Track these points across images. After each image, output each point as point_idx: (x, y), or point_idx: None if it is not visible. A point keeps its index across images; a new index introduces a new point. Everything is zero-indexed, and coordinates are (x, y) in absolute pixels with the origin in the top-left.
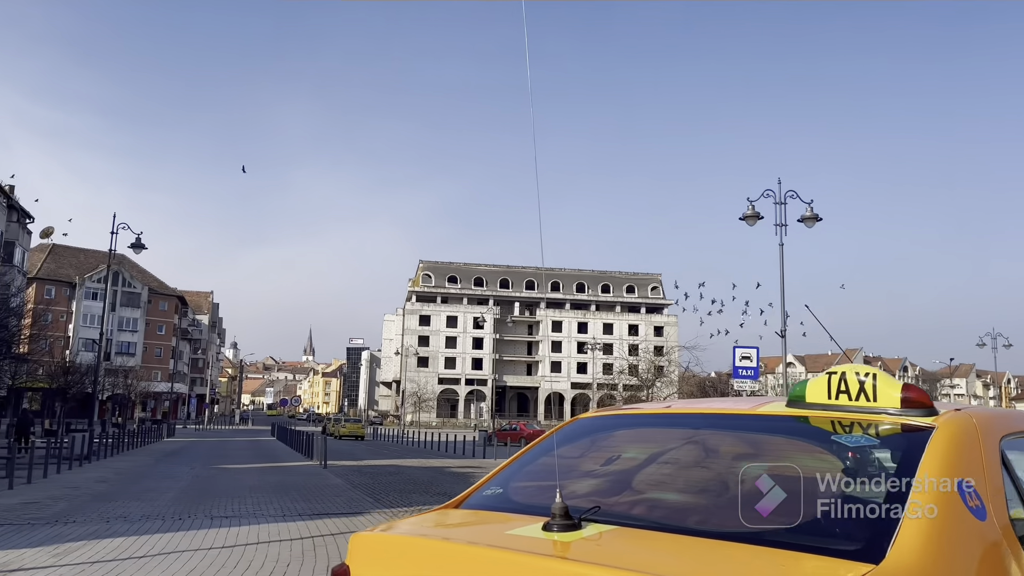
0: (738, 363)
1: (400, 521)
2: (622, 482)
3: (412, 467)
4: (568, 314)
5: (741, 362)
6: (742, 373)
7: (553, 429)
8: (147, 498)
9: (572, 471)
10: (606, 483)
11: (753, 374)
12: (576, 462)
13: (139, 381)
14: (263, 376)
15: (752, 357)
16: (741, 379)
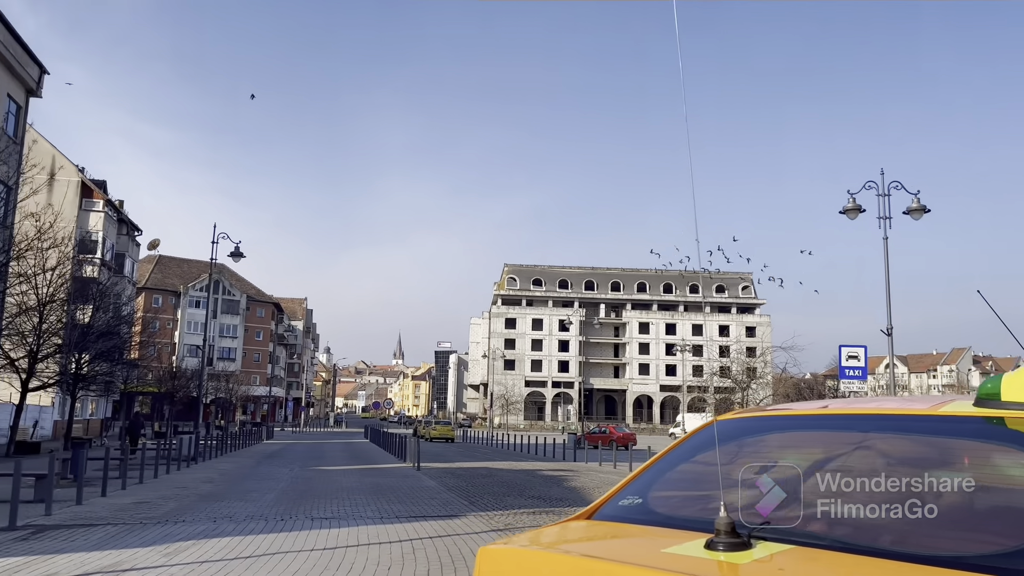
0: (844, 363)
1: (527, 533)
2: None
3: (504, 470)
4: (655, 315)
5: (848, 362)
6: (849, 373)
7: (690, 432)
8: (250, 498)
9: (716, 480)
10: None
11: (861, 374)
12: (724, 470)
13: (239, 385)
14: (355, 380)
15: (860, 357)
16: (848, 380)
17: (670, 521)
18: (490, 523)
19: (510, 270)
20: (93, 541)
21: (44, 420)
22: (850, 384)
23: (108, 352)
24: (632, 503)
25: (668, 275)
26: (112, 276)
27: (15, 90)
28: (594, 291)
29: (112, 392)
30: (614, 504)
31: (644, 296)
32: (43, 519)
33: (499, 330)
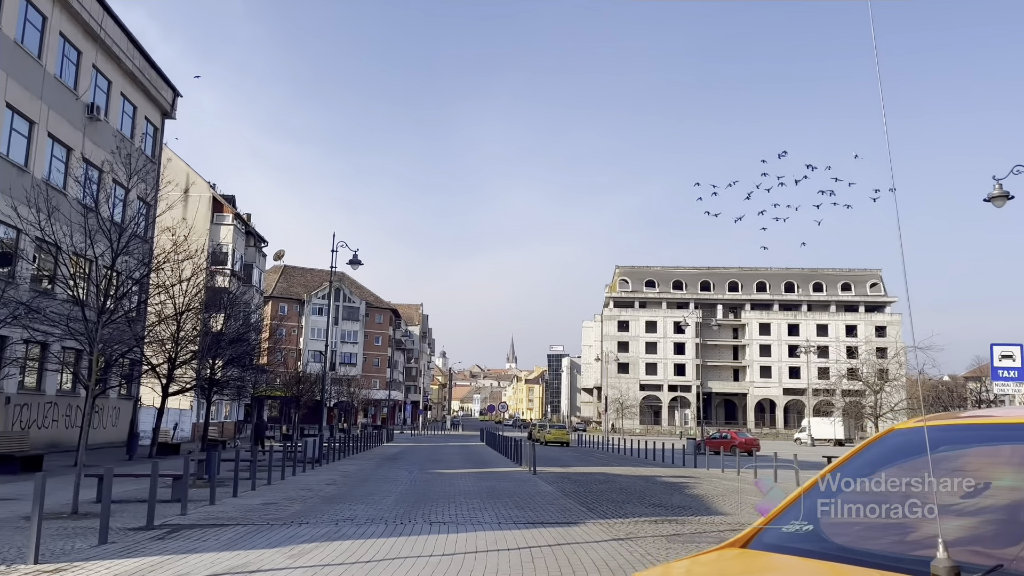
0: (997, 363)
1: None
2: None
3: (621, 475)
4: (776, 316)
5: (1001, 362)
6: (1003, 375)
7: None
8: (371, 501)
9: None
10: (983, 524)
11: (1018, 375)
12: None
13: (360, 389)
14: (470, 383)
15: (1015, 356)
16: (1002, 382)
17: (854, 556)
18: (610, 531)
19: (622, 272)
20: (223, 541)
21: (183, 423)
22: (1004, 386)
23: (239, 358)
24: (800, 529)
25: (790, 273)
26: (241, 286)
27: (151, 113)
28: (710, 291)
29: (243, 396)
30: (777, 530)
31: (764, 296)
32: (179, 518)
33: (612, 333)
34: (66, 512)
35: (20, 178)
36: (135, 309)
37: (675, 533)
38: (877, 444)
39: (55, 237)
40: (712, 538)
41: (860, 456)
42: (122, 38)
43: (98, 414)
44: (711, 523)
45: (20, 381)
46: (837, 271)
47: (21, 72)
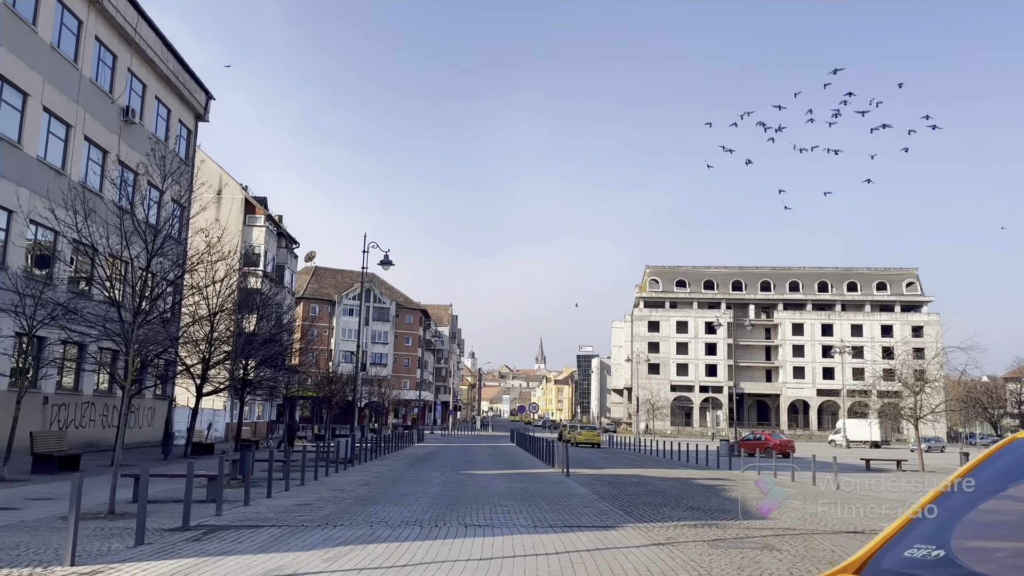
0: None
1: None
2: None
3: (656, 478)
4: (810, 316)
5: None
6: None
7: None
8: (404, 502)
9: None
10: None
11: None
12: None
13: (391, 389)
14: (499, 384)
15: None
16: None
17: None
18: (650, 536)
19: (652, 272)
20: (258, 543)
21: (217, 423)
22: None
23: (271, 358)
24: (928, 555)
25: (823, 272)
26: (273, 287)
27: (185, 116)
28: (742, 291)
29: (276, 397)
30: (897, 553)
31: (797, 295)
32: (214, 519)
33: (642, 333)
34: (103, 512)
35: (57, 181)
36: (170, 310)
37: (717, 538)
38: (1003, 454)
39: (91, 239)
40: (756, 544)
41: (984, 468)
42: (156, 42)
43: (134, 414)
44: (752, 527)
45: (58, 381)
46: (872, 270)
47: (58, 76)
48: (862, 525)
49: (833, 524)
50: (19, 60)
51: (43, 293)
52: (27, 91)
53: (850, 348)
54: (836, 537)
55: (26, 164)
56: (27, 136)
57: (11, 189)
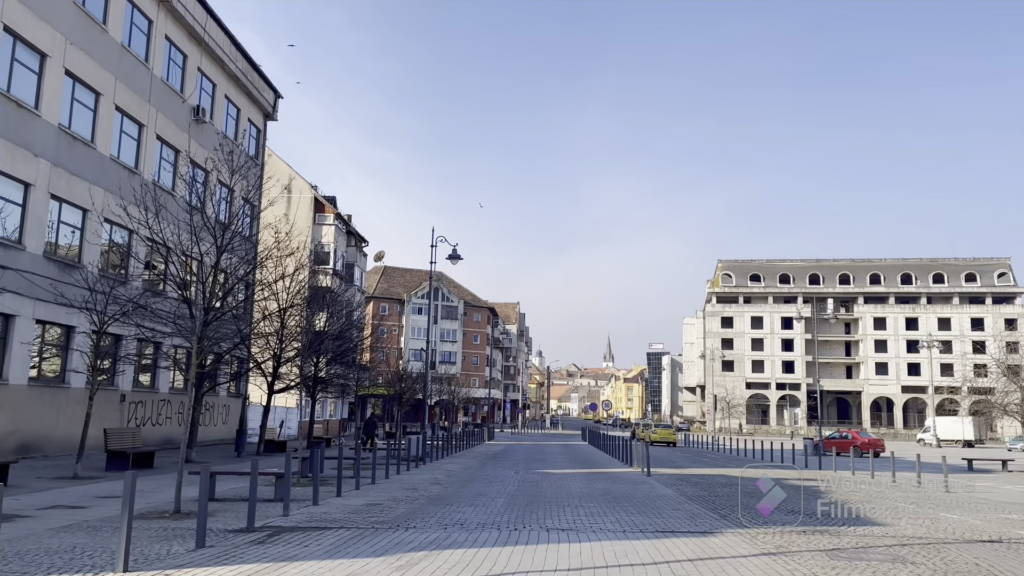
0: None
1: None
2: None
3: (743, 478)
4: (892, 309)
5: None
6: None
7: None
8: (479, 503)
9: None
10: None
11: None
12: None
13: (460, 387)
14: (567, 382)
15: None
16: None
17: None
18: (755, 544)
19: (724, 266)
20: (325, 547)
21: (290, 420)
22: None
23: (341, 355)
24: None
25: (907, 264)
26: (343, 284)
27: (254, 115)
28: (820, 285)
29: (347, 394)
30: None
31: (878, 288)
32: (280, 519)
33: (715, 330)
34: (168, 511)
35: (130, 179)
36: (241, 306)
37: (834, 547)
38: None
39: (163, 236)
40: (883, 555)
41: None
42: (225, 41)
43: (209, 412)
44: (871, 535)
45: (134, 379)
46: (960, 260)
47: (129, 76)
48: (996, 532)
49: (963, 531)
50: (91, 59)
51: (113, 289)
52: (99, 90)
53: (938, 343)
54: (973, 547)
55: (100, 163)
56: (100, 135)
57: (85, 188)
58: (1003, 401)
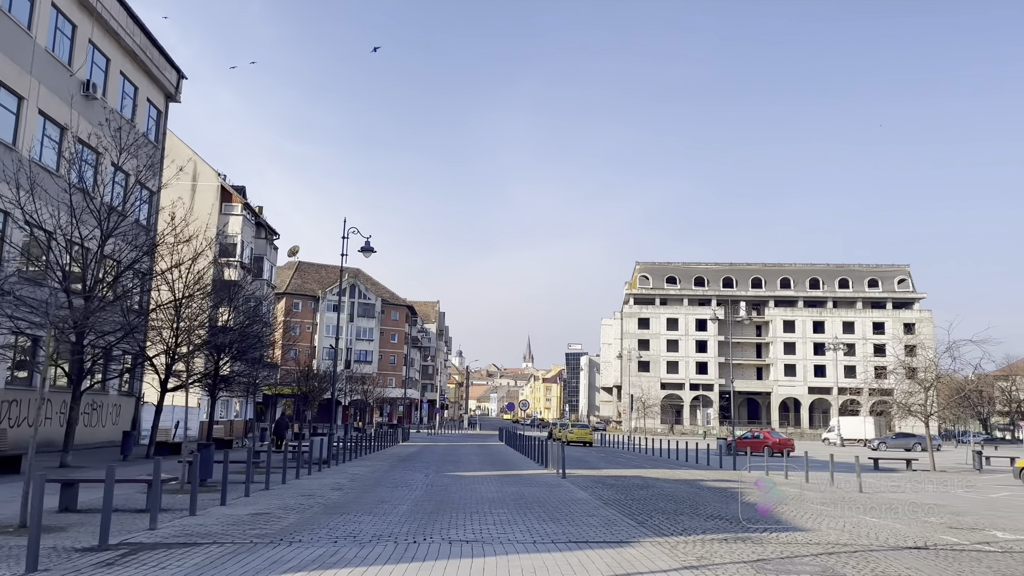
0: None
1: None
2: None
3: (660, 479)
4: (801, 313)
5: None
6: None
7: None
8: (380, 511)
9: None
10: None
11: None
12: None
13: (376, 387)
14: (486, 382)
15: None
16: None
17: None
18: (676, 555)
19: (642, 268)
20: (186, 569)
21: (191, 421)
22: None
23: (245, 352)
24: None
25: (815, 269)
26: (250, 278)
27: (154, 95)
28: (733, 288)
29: (254, 394)
30: None
31: (788, 292)
32: (144, 534)
33: (632, 331)
34: (13, 525)
35: (6, 156)
36: (128, 295)
37: (759, 558)
38: None
39: (38, 217)
40: (811, 566)
41: None
42: (121, 13)
43: (96, 411)
44: (795, 542)
45: (11, 376)
46: (864, 267)
47: (9, 44)
48: (921, 538)
49: (888, 537)
50: None
51: None
52: None
53: (842, 345)
54: (901, 556)
55: None
56: None
57: None
58: (907, 401)
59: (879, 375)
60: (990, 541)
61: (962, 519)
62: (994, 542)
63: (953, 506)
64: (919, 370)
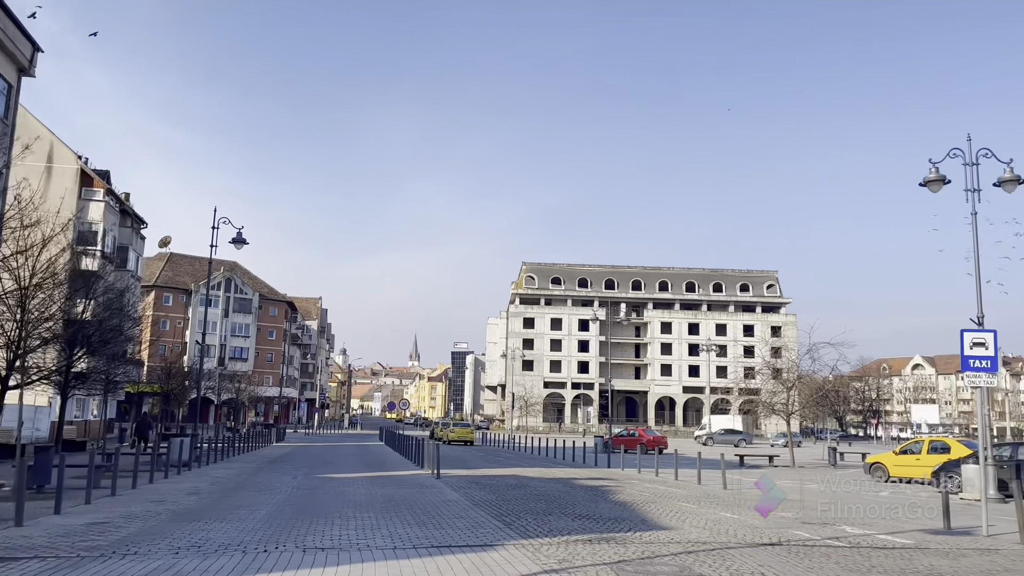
0: (968, 351)
1: None
2: None
3: (535, 478)
4: (677, 315)
5: (972, 350)
6: (974, 365)
7: None
8: (235, 517)
9: None
10: None
11: (991, 366)
12: None
13: (252, 386)
14: (371, 381)
15: (988, 344)
16: (974, 372)
17: None
18: (538, 558)
19: (528, 268)
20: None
21: (40, 421)
22: (976, 378)
23: (103, 346)
24: None
25: (691, 273)
26: (111, 268)
27: (5, 68)
28: (615, 290)
29: (115, 392)
30: None
31: (666, 295)
32: None
33: (517, 330)
34: None
35: None
36: None
37: (621, 559)
38: None
39: None
40: (671, 566)
41: None
42: None
43: None
44: (657, 541)
45: None
46: (736, 272)
47: None
48: (775, 534)
49: (745, 534)
50: None
51: None
52: None
53: (715, 347)
54: (756, 553)
55: None
56: None
57: None
58: (771, 400)
59: (748, 375)
60: (840, 536)
61: (814, 514)
62: (843, 537)
63: (807, 501)
64: (783, 371)
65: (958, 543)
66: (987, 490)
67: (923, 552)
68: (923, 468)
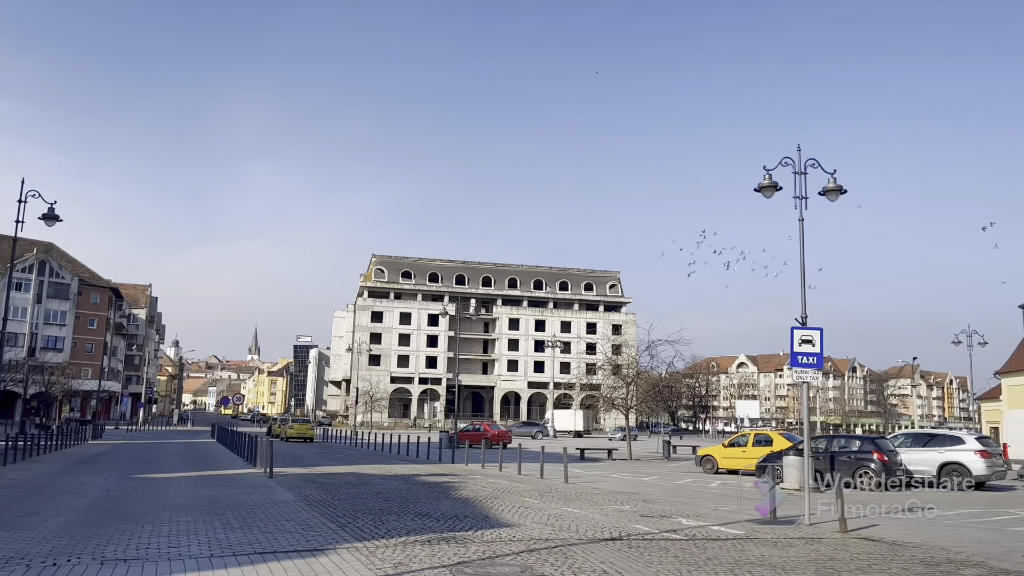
0: (797, 348)
1: None
2: None
3: (375, 475)
4: (525, 312)
5: (801, 347)
6: (802, 361)
7: None
8: (26, 524)
9: None
10: None
11: (816, 362)
12: None
13: (68, 378)
14: (206, 375)
15: (815, 341)
16: (801, 368)
17: None
18: (372, 563)
19: (378, 261)
20: None
21: None
22: (803, 373)
23: None
24: None
25: (539, 271)
26: None
27: None
28: (465, 285)
29: None
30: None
31: (515, 292)
32: None
33: (364, 324)
34: None
35: None
36: None
37: (460, 560)
38: None
39: None
40: (512, 567)
41: None
42: None
43: None
44: (499, 539)
45: None
46: (581, 271)
47: None
48: (616, 528)
49: (587, 529)
50: None
51: None
52: None
53: (560, 343)
54: (598, 549)
55: None
56: None
57: None
58: (611, 395)
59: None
60: (676, 529)
61: (652, 507)
62: (680, 529)
63: (645, 494)
64: (623, 367)
65: (784, 532)
66: (809, 480)
67: (754, 543)
68: (749, 460)
